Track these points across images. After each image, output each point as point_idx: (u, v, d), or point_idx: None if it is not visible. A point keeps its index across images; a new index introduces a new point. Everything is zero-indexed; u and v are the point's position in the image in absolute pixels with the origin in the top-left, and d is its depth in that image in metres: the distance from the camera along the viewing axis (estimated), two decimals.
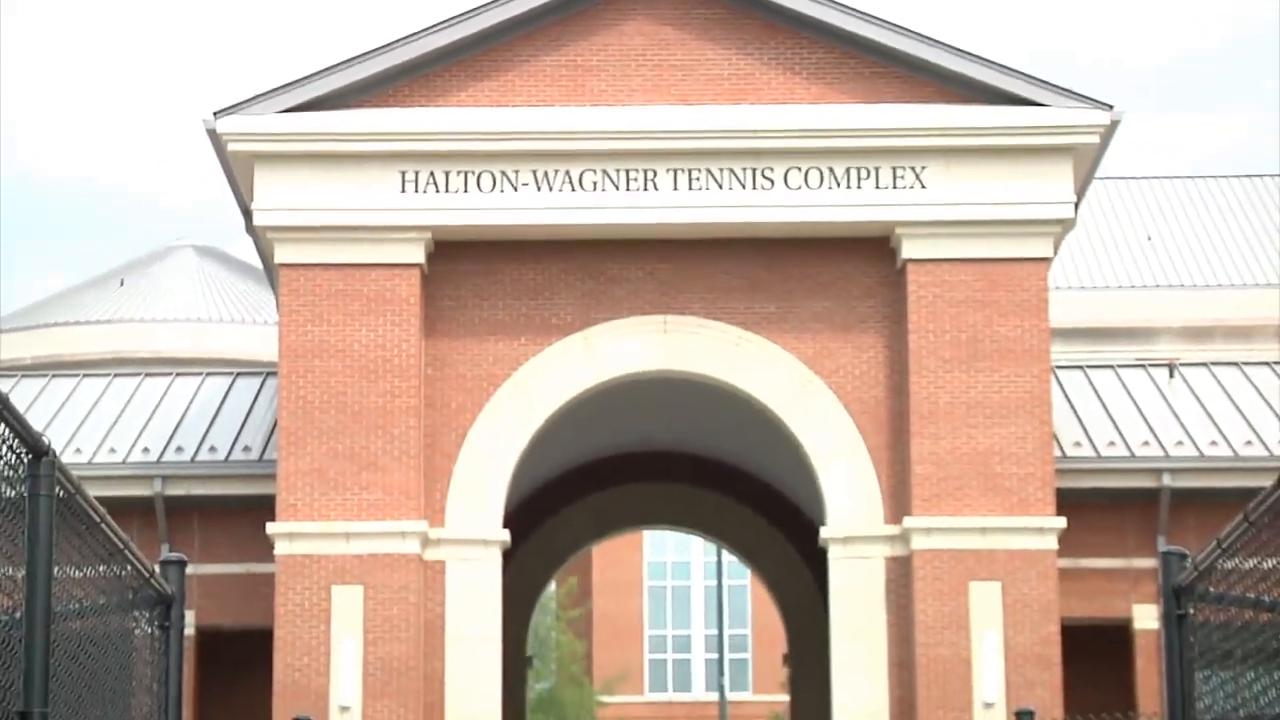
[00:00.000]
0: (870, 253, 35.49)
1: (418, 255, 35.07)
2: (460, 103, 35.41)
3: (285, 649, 34.07)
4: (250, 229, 36.23)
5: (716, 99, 35.46)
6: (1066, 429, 37.17)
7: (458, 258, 35.41)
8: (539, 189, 35.10)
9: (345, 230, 34.97)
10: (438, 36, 35.27)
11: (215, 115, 34.71)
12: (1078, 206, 35.79)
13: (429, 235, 35.13)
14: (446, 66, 35.54)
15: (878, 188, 35.11)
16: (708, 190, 35.11)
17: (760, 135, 35.04)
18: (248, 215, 35.87)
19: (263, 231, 35.49)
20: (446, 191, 35.10)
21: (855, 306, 35.48)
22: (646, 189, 35.14)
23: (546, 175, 35.13)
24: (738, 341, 35.42)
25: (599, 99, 35.50)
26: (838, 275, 35.52)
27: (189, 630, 33.85)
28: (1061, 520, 34.34)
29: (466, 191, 35.10)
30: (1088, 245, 60.58)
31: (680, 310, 35.55)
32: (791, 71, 35.61)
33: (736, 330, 35.44)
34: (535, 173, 35.12)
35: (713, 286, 35.54)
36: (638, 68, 35.66)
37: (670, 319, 35.55)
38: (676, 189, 35.12)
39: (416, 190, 35.07)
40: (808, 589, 42.08)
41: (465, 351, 35.42)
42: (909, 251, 35.01)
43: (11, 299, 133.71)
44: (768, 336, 35.40)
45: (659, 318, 35.56)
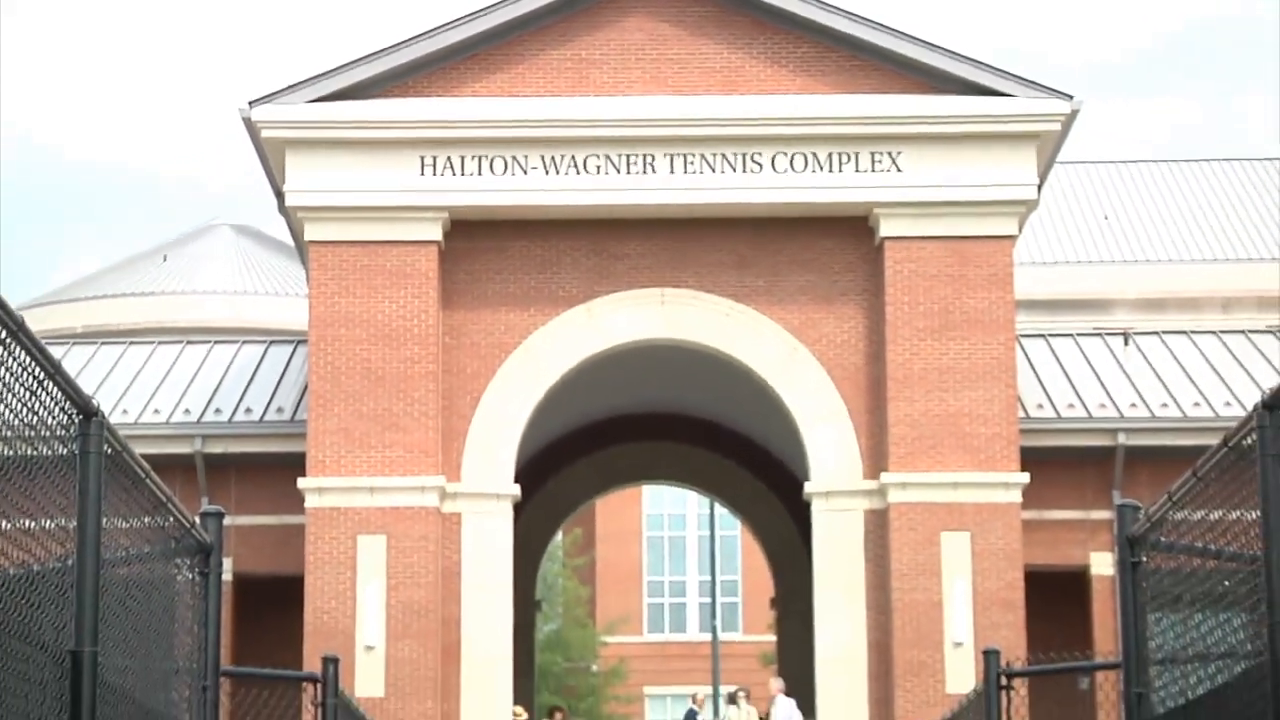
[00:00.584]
0: (850, 231, 35.47)
1: (436, 233, 35.05)
2: (475, 93, 35.36)
3: (315, 594, 34.10)
4: (282, 209, 36.20)
5: (709, 90, 35.41)
6: (1030, 392, 37.16)
7: (472, 235, 35.39)
8: (547, 172, 35.07)
9: (369, 210, 34.94)
10: (454, 32, 35.22)
11: (250, 105, 34.67)
12: (1040, 188, 35.76)
13: (446, 215, 35.10)
14: (462, 60, 35.48)
15: (857, 171, 35.07)
16: (701, 173, 35.08)
17: (749, 123, 34.99)
18: (280, 196, 35.84)
19: (294, 211, 35.45)
20: (462, 174, 35.06)
21: (837, 280, 35.46)
22: (645, 172, 35.10)
23: (554, 160, 35.09)
24: (729, 312, 35.40)
25: (602, 90, 35.45)
26: (821, 252, 35.50)
27: (226, 576, 33.88)
28: (1025, 476, 34.36)
29: (480, 174, 35.07)
30: (1050, 224, 60.50)
31: (676, 284, 35.52)
32: (778, 64, 35.54)
33: (728, 302, 35.42)
34: (543, 157, 35.08)
35: (706, 262, 35.51)
36: (637, 61, 35.60)
37: (667, 292, 35.53)
38: (673, 172, 35.08)
39: (434, 173, 35.04)
40: (793, 539, 42.12)
41: (479, 321, 35.40)
42: (886, 230, 35.00)
43: (63, 274, 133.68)
44: (756, 308, 35.38)
45: (657, 290, 35.53)
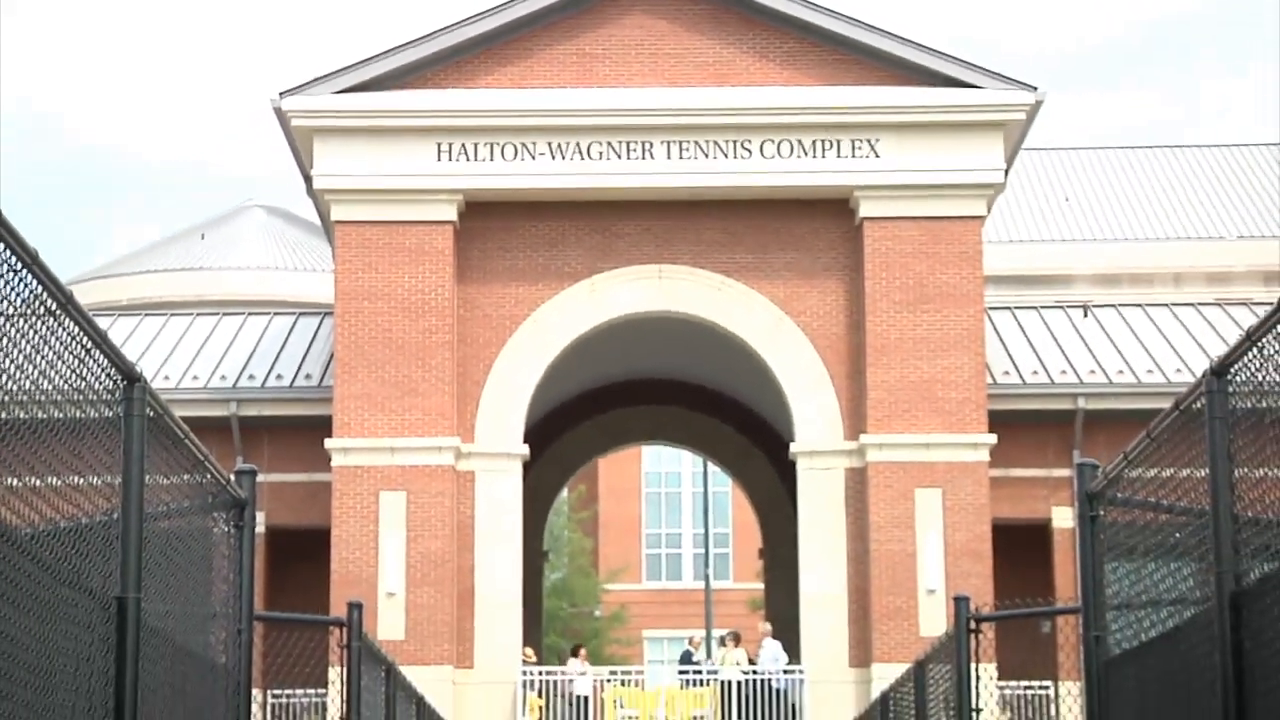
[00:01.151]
0: (832, 212, 35.43)
1: (451, 214, 35.02)
2: (487, 85, 35.30)
3: (340, 545, 34.14)
4: (310, 191, 36.17)
5: (703, 82, 35.35)
6: (997, 360, 37.16)
7: (485, 216, 35.36)
8: (553, 158, 35.02)
9: (390, 193, 34.90)
10: (468, 29, 35.17)
11: (280, 95, 34.64)
12: (1007, 172, 35.73)
13: (460, 197, 35.06)
14: (475, 54, 35.42)
15: (839, 157, 35.03)
16: (695, 159, 35.04)
17: (740, 113, 34.94)
18: (308, 180, 35.80)
19: (321, 194, 35.42)
20: (475, 160, 35.02)
21: (820, 257, 35.43)
22: (644, 158, 35.05)
23: (560, 146, 35.05)
24: (720, 287, 35.37)
25: (604, 82, 35.39)
26: (805, 231, 35.47)
27: (259, 529, 33.90)
28: (992, 437, 34.38)
29: (492, 160, 35.03)
30: (1015, 205, 60.44)
31: (672, 260, 35.50)
32: (766, 59, 35.48)
33: (720, 277, 35.39)
34: (550, 144, 35.04)
35: (700, 240, 35.48)
36: (636, 55, 35.54)
37: (664, 268, 35.50)
38: (669, 158, 35.04)
39: (450, 159, 34.99)
40: (779, 494, 42.14)
41: (491, 295, 35.38)
42: (865, 211, 34.96)
43: (108, 251, 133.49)
44: (746, 282, 35.36)
45: (654, 267, 35.50)
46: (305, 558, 35.68)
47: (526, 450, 35.42)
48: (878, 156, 34.95)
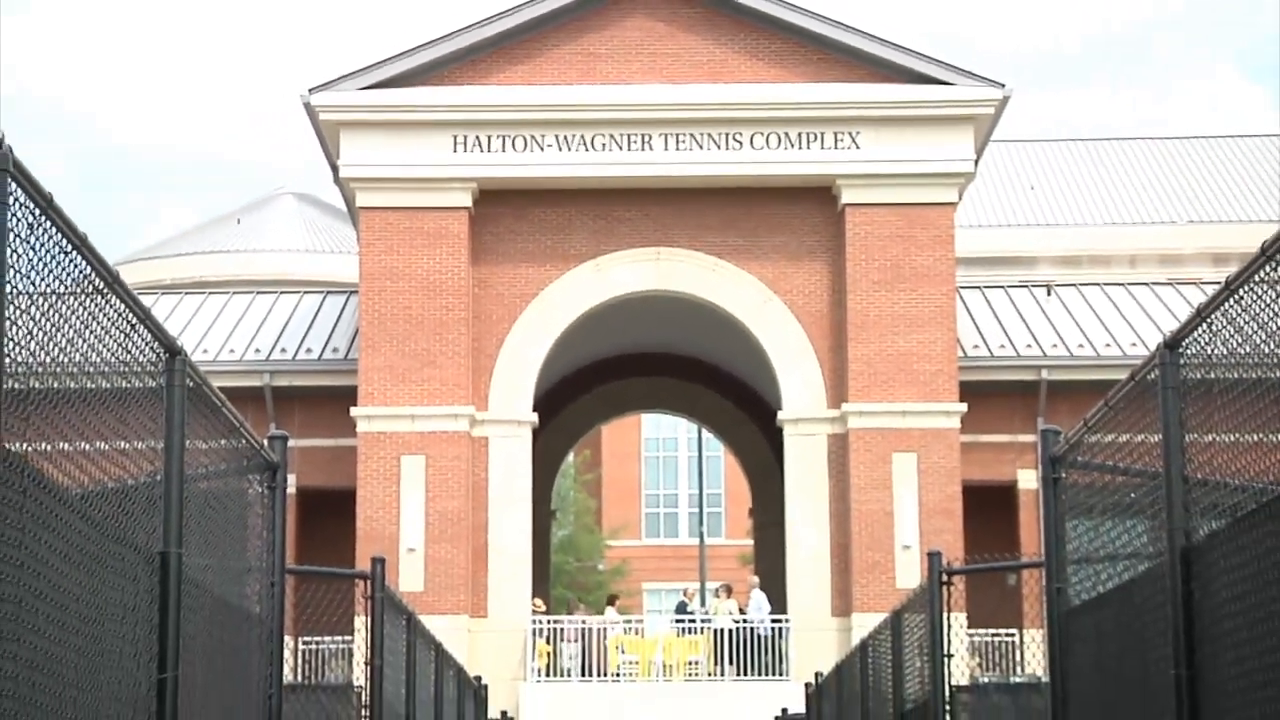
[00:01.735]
0: (816, 199, 35.40)
1: (466, 201, 34.99)
2: (499, 82, 35.24)
3: (365, 504, 34.17)
4: (337, 180, 36.15)
5: (698, 79, 35.30)
6: (967, 335, 37.16)
7: (497, 202, 35.33)
8: (560, 149, 34.98)
9: (410, 181, 34.87)
10: (482, 30, 35.12)
11: (310, 92, 34.61)
12: (977, 163, 35.70)
13: (475, 185, 35.03)
14: (488, 54, 35.36)
15: (822, 148, 34.99)
16: (691, 150, 34.99)
17: (731, 108, 34.90)
18: (335, 169, 35.78)
19: (347, 182, 35.40)
20: (488, 151, 34.97)
21: (805, 240, 35.41)
22: (644, 149, 35.01)
23: (566, 138, 35.00)
24: (714, 268, 35.35)
25: (607, 79, 35.34)
26: (791, 216, 35.44)
27: (290, 490, 33.93)
28: (963, 405, 34.39)
29: (504, 151, 34.98)
30: (985, 192, 60.40)
31: (670, 243, 35.47)
32: (756, 58, 35.42)
33: (713, 259, 35.37)
34: (557, 136, 34.99)
35: (695, 224, 35.45)
36: (637, 55, 35.48)
37: (662, 250, 35.48)
38: (667, 149, 35.00)
39: (465, 150, 34.95)
40: (767, 458, 42.16)
41: (503, 275, 35.36)
42: (847, 198, 34.94)
43: (153, 234, 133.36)
44: (737, 264, 35.34)
45: (653, 249, 35.48)
46: (333, 516, 35.72)
47: (536, 418, 35.44)
48: (858, 148, 34.91)
